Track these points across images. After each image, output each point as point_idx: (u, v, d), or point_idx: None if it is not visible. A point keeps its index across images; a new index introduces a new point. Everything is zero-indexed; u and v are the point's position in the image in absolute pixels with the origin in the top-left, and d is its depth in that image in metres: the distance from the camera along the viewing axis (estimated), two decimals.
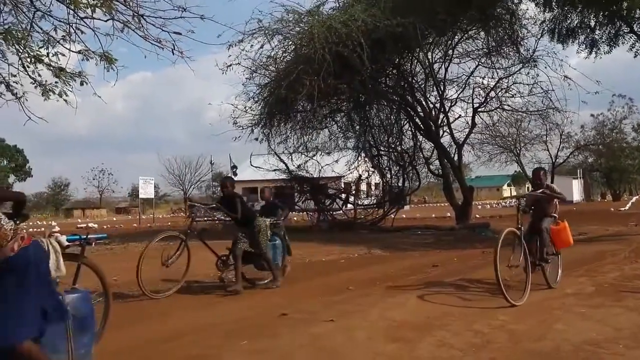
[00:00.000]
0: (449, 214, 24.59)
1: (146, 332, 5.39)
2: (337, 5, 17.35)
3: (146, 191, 34.51)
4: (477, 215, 24.89)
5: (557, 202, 7.40)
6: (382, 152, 22.09)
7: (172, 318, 6.01)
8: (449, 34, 18.10)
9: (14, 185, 46.61)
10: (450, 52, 19.22)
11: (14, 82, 7.67)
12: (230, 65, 16.45)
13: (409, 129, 21.32)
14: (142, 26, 7.48)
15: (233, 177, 8.39)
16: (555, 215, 7.32)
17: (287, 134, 20.07)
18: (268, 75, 17.73)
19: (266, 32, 15.78)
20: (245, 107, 18.49)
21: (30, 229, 30.65)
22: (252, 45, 16.14)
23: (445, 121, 20.32)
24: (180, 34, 7.47)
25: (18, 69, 7.56)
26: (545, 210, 7.28)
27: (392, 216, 21.33)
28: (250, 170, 24.19)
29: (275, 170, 21.05)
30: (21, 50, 7.39)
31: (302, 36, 15.78)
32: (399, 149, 21.57)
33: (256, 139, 19.18)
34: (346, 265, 10.41)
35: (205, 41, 12.18)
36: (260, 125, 18.86)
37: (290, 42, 16.51)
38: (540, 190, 7.13)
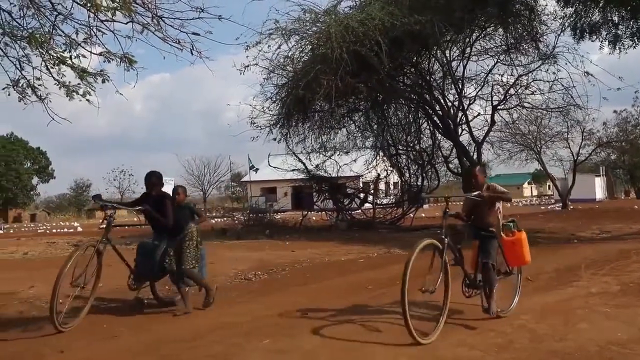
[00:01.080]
0: None
1: (168, 332, 5.44)
2: (354, 4, 17.31)
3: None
4: None
5: (500, 210, 5.77)
6: (401, 151, 21.99)
7: (192, 317, 6.06)
8: (466, 31, 17.92)
9: (37, 187, 47.31)
10: (468, 49, 19.05)
11: (38, 84, 7.79)
12: (248, 65, 16.51)
13: (428, 127, 21.20)
14: (161, 27, 7.53)
15: (160, 173, 6.76)
16: (495, 234, 5.60)
17: (305, 133, 20.08)
18: (285, 75, 17.74)
19: (283, 32, 15.79)
20: (263, 108, 18.55)
21: (54, 230, 31.18)
22: (269, 46, 16.17)
23: (464, 119, 20.14)
24: (198, 34, 7.50)
25: (41, 71, 7.67)
26: (484, 219, 5.63)
27: (412, 215, 21.24)
28: (268, 170, 24.28)
29: (293, 170, 21.08)
30: (44, 53, 7.50)
31: (319, 36, 15.74)
32: (417, 147, 21.46)
33: (274, 139, 19.23)
34: (365, 264, 10.39)
35: (224, 41, 12.26)
36: (278, 126, 18.89)
37: (307, 42, 16.50)
38: (476, 193, 5.44)
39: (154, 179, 6.55)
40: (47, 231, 30.50)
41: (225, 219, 28.59)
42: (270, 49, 16.26)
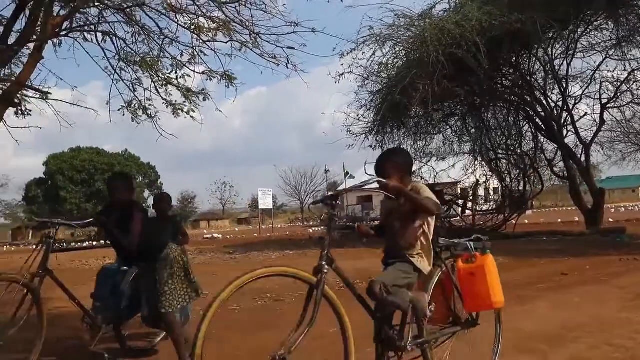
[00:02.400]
0: (576, 219, 23.04)
1: (274, 340, 5.53)
2: (449, 7, 16.98)
3: (265, 202, 35.95)
4: (610, 220, 22.98)
5: (427, 230, 3.42)
6: (501, 155, 21.19)
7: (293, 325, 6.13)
8: (571, 27, 16.96)
9: (148, 199, 50.71)
10: (573, 46, 18.01)
11: (148, 104, 8.40)
12: (343, 74, 16.68)
13: (529, 129, 20.31)
14: (258, 44, 7.85)
15: (130, 176, 5.47)
16: (413, 263, 3.36)
17: (400, 140, 19.95)
18: (380, 82, 17.73)
19: (377, 39, 15.79)
20: (358, 115, 18.66)
21: None
22: (363, 53, 16.26)
23: (570, 120, 19.07)
24: (293, 48, 7.75)
25: (151, 91, 8.26)
26: (396, 235, 3.46)
27: (514, 222, 20.36)
28: (365, 178, 24.30)
29: None
30: (154, 75, 8.07)
31: (414, 40, 15.58)
32: (518, 151, 20.58)
33: (370, 146, 19.26)
34: None
35: (317, 53, 12.49)
36: (373, 133, 18.90)
37: (402, 48, 16.39)
38: (383, 183, 3.32)
39: (118, 183, 4.86)
40: None
41: (322, 227, 28.95)
42: (364, 56, 16.36)
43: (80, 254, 16.47)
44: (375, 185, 3.37)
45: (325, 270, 3.06)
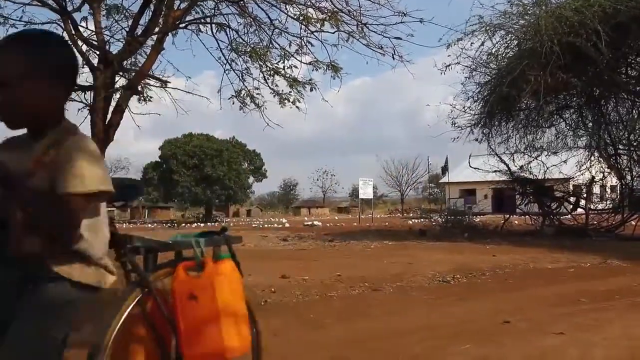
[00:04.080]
0: None
1: (370, 328, 5.60)
2: None
3: (365, 192, 35.99)
4: None
5: (100, 221, 1.85)
6: (621, 151, 19.68)
7: (397, 315, 6.16)
8: None
9: (252, 185, 52.85)
10: None
11: (257, 93, 8.72)
12: (449, 65, 16.31)
13: None
14: (365, 34, 7.88)
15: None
16: (71, 278, 1.71)
17: (508, 133, 19.18)
18: (489, 73, 17.13)
19: (487, 28, 15.25)
20: (464, 107, 18.16)
21: (265, 225, 34.38)
22: (472, 44, 15.78)
23: None
24: (400, 38, 7.72)
25: (259, 81, 8.57)
26: (19, 239, 1.71)
27: (633, 223, 18.86)
28: (468, 172, 23.68)
29: (495, 171, 20.24)
30: (262, 65, 8.37)
31: (527, 29, 14.88)
32: None
33: (475, 140, 18.72)
34: (576, 274, 9.52)
35: (424, 43, 12.29)
36: (479, 125, 18.33)
37: (513, 37, 15.70)
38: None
39: None
40: (260, 226, 33.70)
41: (422, 220, 28.62)
42: (472, 47, 15.88)
43: None
44: None
45: None
